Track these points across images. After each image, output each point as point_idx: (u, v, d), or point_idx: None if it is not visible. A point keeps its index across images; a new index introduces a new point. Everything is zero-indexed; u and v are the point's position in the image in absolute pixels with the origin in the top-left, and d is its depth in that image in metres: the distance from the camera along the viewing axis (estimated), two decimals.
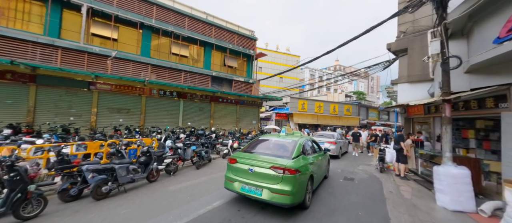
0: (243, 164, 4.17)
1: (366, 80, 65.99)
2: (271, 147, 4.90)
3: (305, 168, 4.23)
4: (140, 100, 10.88)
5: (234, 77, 15.01)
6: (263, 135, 6.25)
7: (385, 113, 36.95)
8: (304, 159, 4.47)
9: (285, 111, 26.27)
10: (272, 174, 3.80)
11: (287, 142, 4.82)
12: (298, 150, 4.43)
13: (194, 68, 13.23)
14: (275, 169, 3.82)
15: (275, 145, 4.94)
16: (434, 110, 7.52)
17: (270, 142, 5.09)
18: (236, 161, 4.36)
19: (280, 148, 4.73)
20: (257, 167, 3.99)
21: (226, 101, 14.06)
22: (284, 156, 4.25)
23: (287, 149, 4.50)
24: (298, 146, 4.54)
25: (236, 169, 4.22)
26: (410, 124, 10.38)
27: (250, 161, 4.14)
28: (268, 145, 4.98)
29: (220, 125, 13.49)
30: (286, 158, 4.15)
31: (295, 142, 4.72)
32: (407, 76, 10.08)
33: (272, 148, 4.83)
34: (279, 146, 4.83)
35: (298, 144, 4.61)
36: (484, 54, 4.13)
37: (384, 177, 7.21)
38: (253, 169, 3.98)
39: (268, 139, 5.21)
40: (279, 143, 4.94)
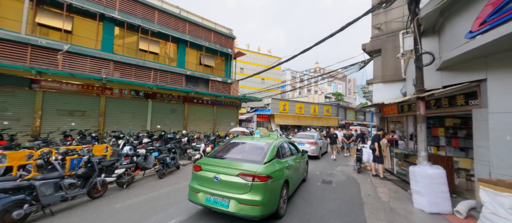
0: (208, 171, 3.67)
1: (344, 82, 69.03)
2: (243, 150, 4.48)
3: (279, 173, 3.86)
4: (99, 101, 9.56)
5: (211, 77, 14.19)
6: (235, 138, 5.67)
7: (362, 113, 38.73)
8: (279, 163, 4.10)
9: (266, 112, 25.98)
10: (240, 182, 3.36)
11: (261, 144, 4.43)
12: (272, 153, 4.06)
13: (165, 67, 12.16)
14: (244, 176, 3.38)
15: (247, 148, 4.53)
16: (407, 109, 7.58)
17: (242, 145, 4.67)
18: (201, 168, 3.77)
19: (252, 152, 4.33)
20: (223, 174, 3.52)
21: (201, 102, 13.16)
22: (255, 160, 3.82)
23: (260, 153, 4.09)
24: (272, 148, 4.18)
25: (201, 177, 3.70)
26: (385, 123, 10.55)
27: (216, 168, 3.66)
28: (240, 149, 4.56)
29: (195, 128, 12.56)
30: (257, 163, 3.72)
31: (269, 144, 4.33)
32: (381, 76, 10.23)
33: (244, 152, 4.41)
34: (251, 150, 4.43)
35: (272, 146, 4.24)
36: (456, 49, 4.02)
37: (361, 178, 7.03)
38: (219, 177, 3.50)
39: (241, 142, 4.79)
40: (251, 146, 4.55)
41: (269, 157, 3.90)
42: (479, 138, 4.23)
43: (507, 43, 3.37)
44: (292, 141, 6.40)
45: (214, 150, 4.72)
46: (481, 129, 4.17)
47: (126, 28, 10.83)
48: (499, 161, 3.79)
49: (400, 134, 9.60)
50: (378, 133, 7.12)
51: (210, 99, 13.53)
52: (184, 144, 8.72)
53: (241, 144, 4.73)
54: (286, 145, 5.17)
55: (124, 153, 5.51)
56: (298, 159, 5.45)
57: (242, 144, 4.72)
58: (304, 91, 51.95)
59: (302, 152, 6.31)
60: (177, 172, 6.82)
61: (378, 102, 8.20)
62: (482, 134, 4.15)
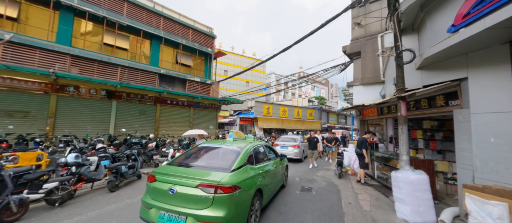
0: (163, 183, 3.09)
1: (326, 87, 71.11)
2: (210, 156, 4.01)
3: (250, 182, 3.42)
4: (48, 101, 8.19)
5: (188, 77, 13.25)
6: (207, 142, 5.07)
7: (343, 116, 39.84)
8: (251, 169, 3.68)
9: (250, 115, 25.40)
10: (200, 195, 2.84)
11: (231, 149, 3.98)
12: (242, 159, 3.63)
13: (135, 64, 11.02)
14: (204, 187, 2.87)
15: (215, 154, 4.07)
16: (386, 111, 7.42)
17: (210, 151, 4.18)
18: (155, 179, 3.18)
19: (220, 158, 3.87)
20: (180, 185, 2.96)
21: (176, 103, 12.13)
22: (222, 168, 3.35)
23: (228, 159, 3.63)
24: (244, 153, 3.76)
25: (155, 189, 3.14)
26: (365, 125, 10.45)
27: (172, 178, 3.10)
28: (207, 154, 4.07)
29: (168, 131, 11.48)
30: (223, 170, 3.24)
31: (240, 149, 3.91)
32: (361, 78, 10.15)
33: (211, 158, 3.94)
34: (219, 155, 3.97)
35: (243, 151, 3.82)
36: (438, 45, 3.76)
37: (342, 183, 6.64)
38: (175, 188, 2.94)
39: (210, 147, 4.29)
40: (221, 151, 4.08)
41: (238, 163, 3.45)
42: (461, 141, 3.98)
43: (492, 37, 3.11)
44: (269, 144, 5.89)
45: (177, 157, 4.14)
46: (463, 130, 3.93)
47: (88, 19, 9.60)
48: (483, 165, 3.53)
49: (379, 137, 9.53)
50: (365, 137, 6.71)
51: (186, 100, 12.55)
52: (150, 150, 7.71)
53: (210, 148, 4.22)
54: (262, 149, 4.77)
55: (62, 162, 4.47)
56: (276, 164, 5.04)
57: (211, 148, 4.21)
58: (288, 95, 52.41)
59: (281, 156, 5.82)
60: (137, 182, 5.84)
61: (358, 104, 7.98)
62: (464, 136, 3.90)
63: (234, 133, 5.34)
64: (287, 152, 10.22)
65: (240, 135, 5.79)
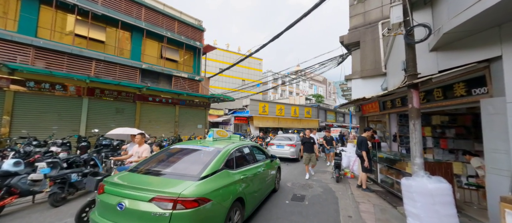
0: (111, 195, 2.49)
1: (324, 85, 70.47)
2: (178, 160, 3.33)
3: (225, 191, 2.83)
4: (3, 97, 7.15)
5: (174, 73, 12.25)
6: (181, 143, 4.26)
7: (341, 114, 39.10)
8: (228, 176, 3.06)
9: (245, 114, 24.51)
10: (154, 211, 2.23)
11: (207, 151, 3.37)
12: (218, 162, 3.04)
13: (113, 58, 10.00)
14: (160, 201, 2.27)
15: (186, 157, 3.42)
16: (390, 105, 6.54)
17: (181, 153, 3.52)
18: (104, 190, 2.58)
19: (190, 162, 3.24)
20: (130, 199, 2.36)
21: (159, 101, 11.11)
22: (189, 175, 2.74)
23: (200, 163, 3.02)
24: (221, 156, 3.18)
25: (103, 204, 2.54)
26: (365, 123, 9.57)
27: (122, 190, 2.48)
28: (176, 158, 3.40)
29: (150, 131, 10.49)
30: (190, 178, 2.63)
31: (218, 150, 3.32)
32: (360, 71, 9.26)
33: (179, 163, 3.26)
34: (190, 159, 3.33)
35: (221, 153, 3.24)
36: (464, 13, 2.87)
37: (341, 189, 5.74)
38: (124, 203, 2.35)
39: (182, 148, 3.66)
40: (193, 153, 3.46)
41: (212, 168, 2.87)
42: (492, 139, 3.09)
43: None
44: (257, 144, 5.07)
45: (140, 161, 3.49)
46: (495, 125, 3.04)
47: (56, 7, 8.57)
48: None
49: (381, 135, 8.66)
50: (364, 136, 5.78)
51: (170, 97, 11.53)
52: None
53: (182, 151, 3.58)
54: (248, 150, 4.21)
55: None
56: (265, 167, 4.43)
57: (183, 151, 3.57)
58: (285, 94, 51.56)
59: (272, 157, 5.14)
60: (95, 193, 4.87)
61: (358, 98, 7.07)
62: (497, 133, 3.01)
63: (214, 131, 4.45)
64: (283, 151, 9.74)
65: (222, 133, 4.88)
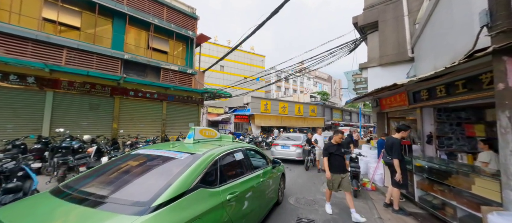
0: None
1: (329, 83, 68.40)
2: (132, 175, 2.25)
3: None
4: None
5: (163, 65, 10.87)
6: (148, 147, 3.22)
7: (348, 113, 37.21)
8: (203, 199, 2.00)
9: (246, 113, 23.12)
10: None
11: (178, 160, 2.30)
12: (187, 179, 1.97)
13: (88, 46, 8.68)
14: None
15: (144, 168, 2.35)
16: (425, 96, 4.94)
17: (139, 164, 2.46)
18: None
19: (145, 179, 2.14)
20: None
21: (142, 95, 9.72)
22: (132, 204, 1.69)
23: (161, 179, 1.97)
24: (194, 168, 2.10)
25: None
26: (384, 120, 7.97)
27: None
28: (130, 171, 2.34)
29: (132, 130, 9.16)
30: (131, 211, 1.60)
31: (192, 159, 2.26)
32: (379, 57, 7.66)
33: (130, 179, 2.18)
34: (149, 173, 2.25)
35: (196, 164, 2.17)
36: None
37: (362, 209, 4.22)
38: None
39: (144, 155, 2.62)
40: (156, 163, 2.40)
41: (175, 190, 1.82)
42: None
43: None
44: (255, 147, 3.99)
45: (78, 175, 2.45)
46: None
47: None
48: None
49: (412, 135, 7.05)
50: (396, 137, 4.13)
51: (156, 92, 10.13)
52: (82, 156, 5.38)
53: (142, 159, 2.54)
54: (241, 155, 3.14)
55: None
56: (264, 176, 3.42)
57: (143, 159, 2.54)
58: (289, 92, 49.89)
59: (274, 163, 4.15)
60: None
61: (383, 86, 5.44)
62: None
63: (195, 130, 3.28)
64: (288, 152, 8.99)
65: (209, 133, 3.65)
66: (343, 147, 4.09)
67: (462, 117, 4.78)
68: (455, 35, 3.58)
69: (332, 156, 3.98)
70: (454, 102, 4.19)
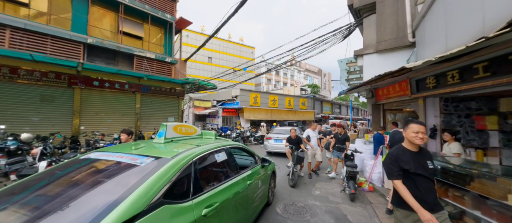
0: None
1: (319, 76, 68.53)
2: (72, 190, 1.62)
3: None
4: None
5: (136, 51, 9.58)
6: (103, 149, 2.46)
7: (337, 106, 37.30)
8: (175, 214, 1.63)
9: (234, 106, 22.18)
10: None
11: (137, 167, 1.81)
12: (145, 195, 1.49)
13: (39, 27, 7.24)
14: None
15: (90, 181, 1.75)
16: (433, 83, 4.27)
17: (85, 173, 1.90)
18: None
19: (89, 196, 1.52)
20: None
21: (110, 86, 8.41)
22: None
23: (108, 196, 1.46)
24: (156, 178, 1.63)
25: None
26: (380, 112, 7.38)
27: None
28: (70, 183, 1.77)
29: (99, 127, 7.94)
30: None
31: (157, 164, 1.79)
32: (376, 43, 6.96)
33: (68, 196, 1.52)
34: (95, 187, 1.62)
35: (160, 171, 1.70)
36: None
37: (361, 216, 3.55)
38: None
39: (96, 160, 2.07)
40: (110, 173, 1.84)
41: (123, 214, 1.32)
42: None
43: None
44: (241, 145, 3.46)
45: None
46: None
47: None
48: None
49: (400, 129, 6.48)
50: (398, 130, 3.44)
51: (127, 82, 8.85)
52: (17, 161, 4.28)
53: (90, 165, 1.98)
54: (223, 155, 2.63)
55: None
56: (252, 178, 3.02)
57: (92, 166, 1.97)
58: (279, 85, 49.25)
59: (263, 161, 3.73)
60: None
61: (386, 73, 4.69)
62: None
63: (167, 127, 2.67)
64: (281, 145, 8.72)
65: (186, 130, 3.05)
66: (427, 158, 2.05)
67: (472, 108, 4.19)
68: (481, 7, 2.85)
69: (410, 177, 1.96)
70: (470, 90, 3.53)
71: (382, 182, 4.96)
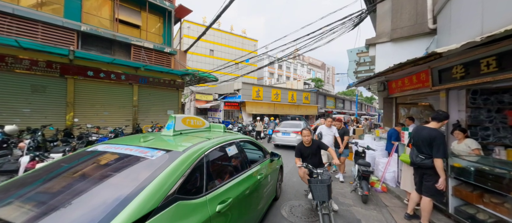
0: None
1: (323, 70, 67.44)
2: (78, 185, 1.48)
3: None
4: None
5: (133, 41, 9.12)
6: (113, 141, 2.31)
7: (341, 100, 36.63)
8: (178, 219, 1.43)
9: (236, 99, 21.77)
10: None
11: (147, 160, 1.69)
12: (158, 191, 1.37)
13: (28, 12, 6.80)
14: None
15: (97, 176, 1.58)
16: (461, 73, 3.77)
17: (92, 166, 1.77)
18: None
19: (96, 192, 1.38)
20: None
21: (106, 76, 8.00)
22: None
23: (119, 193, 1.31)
24: (169, 173, 1.51)
25: None
26: (392, 107, 6.88)
27: None
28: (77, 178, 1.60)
29: (93, 120, 7.59)
30: None
31: (168, 158, 1.69)
32: (391, 31, 6.39)
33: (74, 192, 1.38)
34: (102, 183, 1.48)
35: (173, 165, 1.59)
36: None
37: (375, 220, 3.15)
38: None
39: (102, 153, 1.94)
40: (117, 167, 1.71)
41: (137, 211, 1.20)
42: None
43: None
44: (250, 138, 3.31)
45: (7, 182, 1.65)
46: None
47: None
48: None
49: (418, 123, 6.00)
50: (433, 126, 2.87)
51: (123, 72, 8.42)
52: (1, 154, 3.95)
53: (93, 159, 1.86)
54: (234, 149, 2.51)
55: None
56: (263, 172, 2.92)
57: (96, 160, 1.85)
58: (282, 79, 48.48)
59: (272, 155, 3.56)
60: None
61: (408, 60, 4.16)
62: None
63: (176, 119, 2.56)
64: (289, 138, 9.30)
65: (195, 122, 2.93)
66: None
67: (505, 101, 3.70)
68: None
69: None
70: (508, 81, 3.04)
71: (397, 181, 4.54)
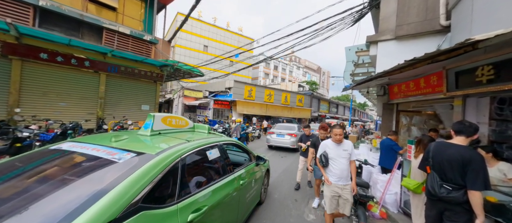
0: None
1: (318, 74, 67.33)
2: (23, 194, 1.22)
3: None
4: None
5: (105, 24, 7.97)
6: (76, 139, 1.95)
7: (334, 105, 36.26)
8: None
9: (227, 98, 20.79)
10: None
11: (115, 164, 1.49)
12: (119, 200, 1.20)
13: None
14: None
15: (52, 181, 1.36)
16: (488, 76, 2.97)
17: (48, 168, 1.53)
18: None
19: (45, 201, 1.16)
20: None
21: (63, 61, 6.76)
22: None
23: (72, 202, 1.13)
24: (135, 179, 1.34)
25: None
26: (392, 113, 6.09)
27: None
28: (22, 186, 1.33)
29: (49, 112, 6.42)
30: None
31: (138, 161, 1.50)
32: (396, 27, 5.59)
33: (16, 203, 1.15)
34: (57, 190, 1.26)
35: (141, 170, 1.41)
36: None
37: None
38: None
39: (63, 152, 1.73)
40: (79, 170, 1.49)
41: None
42: None
43: None
44: (236, 141, 3.05)
45: None
46: None
47: None
48: None
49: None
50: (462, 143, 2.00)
51: (87, 58, 7.22)
52: None
53: (51, 161, 1.63)
54: (216, 152, 2.37)
55: None
56: (245, 178, 2.73)
57: (53, 162, 1.62)
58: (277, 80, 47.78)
59: (258, 159, 3.34)
60: None
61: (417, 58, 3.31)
62: None
63: (154, 118, 2.23)
64: (283, 140, 9.50)
65: (177, 122, 2.57)
66: None
67: None
68: None
69: None
70: None
71: (399, 206, 3.70)
